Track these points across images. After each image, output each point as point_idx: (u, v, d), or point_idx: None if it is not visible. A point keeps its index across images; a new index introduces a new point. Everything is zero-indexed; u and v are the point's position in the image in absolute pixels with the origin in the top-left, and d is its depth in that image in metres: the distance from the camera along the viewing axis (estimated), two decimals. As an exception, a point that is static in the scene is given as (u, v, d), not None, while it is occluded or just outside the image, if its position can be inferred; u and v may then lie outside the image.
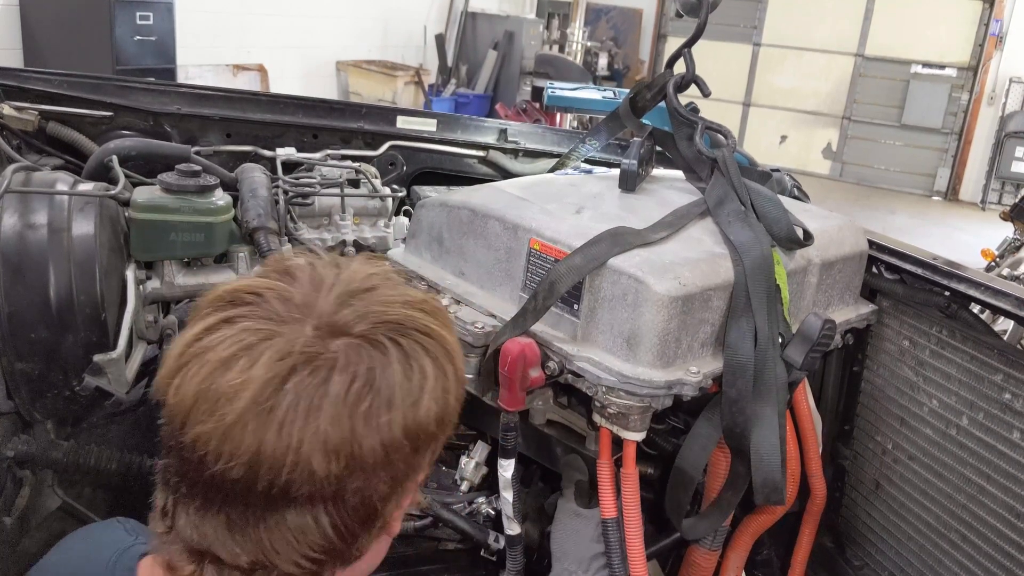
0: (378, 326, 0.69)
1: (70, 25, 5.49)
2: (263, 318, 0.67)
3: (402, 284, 0.75)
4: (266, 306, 0.68)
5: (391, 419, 0.66)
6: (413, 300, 0.73)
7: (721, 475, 1.26)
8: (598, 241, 1.15)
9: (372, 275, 0.73)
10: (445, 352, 0.72)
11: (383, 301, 0.71)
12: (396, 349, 0.68)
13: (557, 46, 10.41)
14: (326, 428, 0.64)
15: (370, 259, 0.79)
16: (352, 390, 0.65)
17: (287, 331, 0.66)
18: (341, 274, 0.72)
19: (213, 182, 1.44)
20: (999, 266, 4.58)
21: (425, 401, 0.69)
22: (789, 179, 1.72)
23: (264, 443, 0.63)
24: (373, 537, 0.72)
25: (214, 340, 0.66)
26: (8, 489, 1.35)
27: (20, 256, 1.22)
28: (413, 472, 0.72)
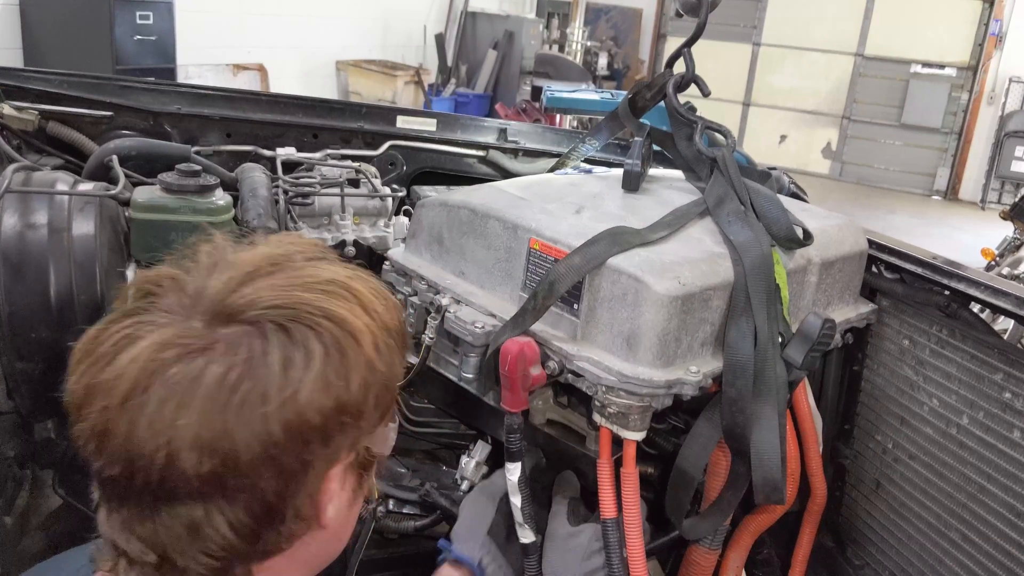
0: (266, 311, 0.65)
1: (70, 25, 5.50)
2: (158, 309, 0.66)
3: (313, 265, 0.71)
4: (162, 296, 0.67)
5: (266, 413, 0.63)
6: (315, 281, 0.69)
7: (721, 475, 1.26)
8: (597, 241, 1.15)
9: (275, 256, 0.70)
10: (346, 334, 0.67)
11: (277, 284, 0.67)
12: (280, 336, 0.65)
13: (557, 46, 10.42)
14: (197, 424, 0.61)
15: (289, 239, 0.75)
16: (225, 383, 0.62)
17: (174, 321, 0.64)
18: (241, 257, 0.70)
19: (213, 182, 1.44)
20: (999, 265, 4.59)
21: (306, 392, 0.64)
22: (787, 179, 1.73)
23: (135, 440, 0.62)
24: (289, 533, 0.68)
25: (107, 334, 0.65)
26: (8, 489, 1.35)
27: (20, 256, 1.22)
28: (316, 464, 0.67)
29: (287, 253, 0.71)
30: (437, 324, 1.28)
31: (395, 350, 0.72)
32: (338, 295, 0.69)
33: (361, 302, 0.70)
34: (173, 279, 0.68)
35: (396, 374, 0.73)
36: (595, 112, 4.38)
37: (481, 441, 1.40)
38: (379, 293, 0.73)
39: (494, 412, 1.22)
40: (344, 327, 0.67)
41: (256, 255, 0.70)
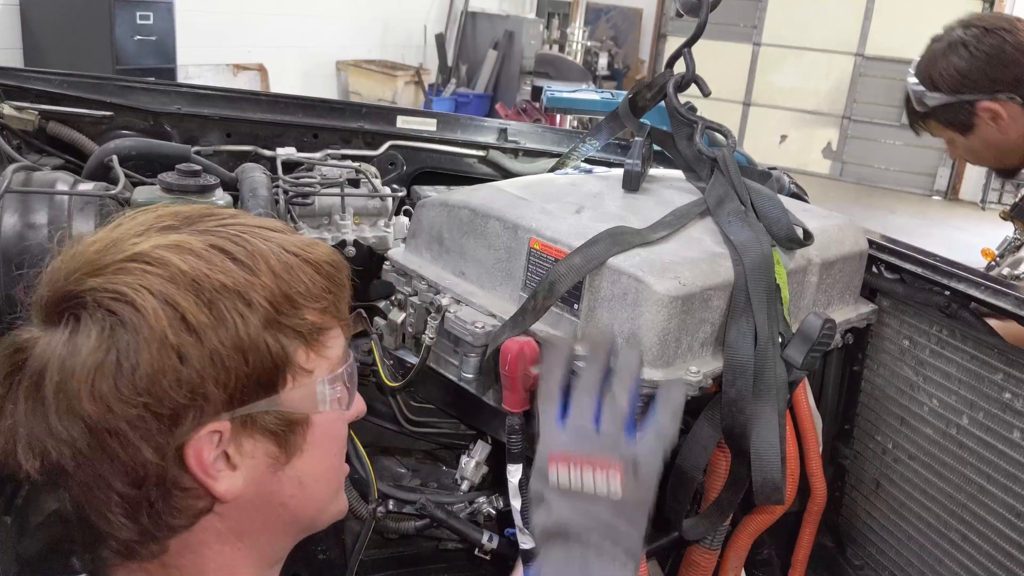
0: (64, 301, 0.67)
1: (70, 25, 5.50)
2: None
3: (133, 243, 0.68)
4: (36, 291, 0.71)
5: (57, 410, 0.64)
6: (113, 261, 0.67)
7: (721, 475, 1.26)
8: (597, 241, 1.15)
9: (109, 240, 0.70)
10: (127, 309, 0.64)
11: (84, 272, 0.67)
12: (69, 329, 0.66)
13: (557, 46, 10.42)
14: (22, 427, 0.65)
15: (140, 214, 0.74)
16: (31, 385, 0.65)
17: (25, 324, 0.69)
18: (76, 247, 0.70)
19: (213, 182, 1.44)
20: (999, 266, 4.58)
21: (81, 382, 0.64)
22: (788, 179, 1.73)
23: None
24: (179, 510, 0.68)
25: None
26: (8, 489, 1.35)
27: (20, 256, 1.22)
28: (146, 446, 0.65)
29: (122, 235, 0.70)
30: (437, 324, 1.28)
31: (242, 312, 0.67)
32: (130, 270, 0.66)
33: (166, 271, 0.66)
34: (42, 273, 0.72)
35: (254, 336, 0.68)
36: (595, 112, 4.38)
37: (481, 441, 1.40)
38: (230, 252, 0.69)
39: (494, 412, 1.22)
40: (127, 302, 0.64)
41: (92, 242, 0.70)
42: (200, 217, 0.73)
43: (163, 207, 0.75)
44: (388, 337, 1.40)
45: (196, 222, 0.72)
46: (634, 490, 0.82)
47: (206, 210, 0.75)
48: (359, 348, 1.65)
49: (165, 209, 0.74)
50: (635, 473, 0.83)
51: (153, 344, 0.64)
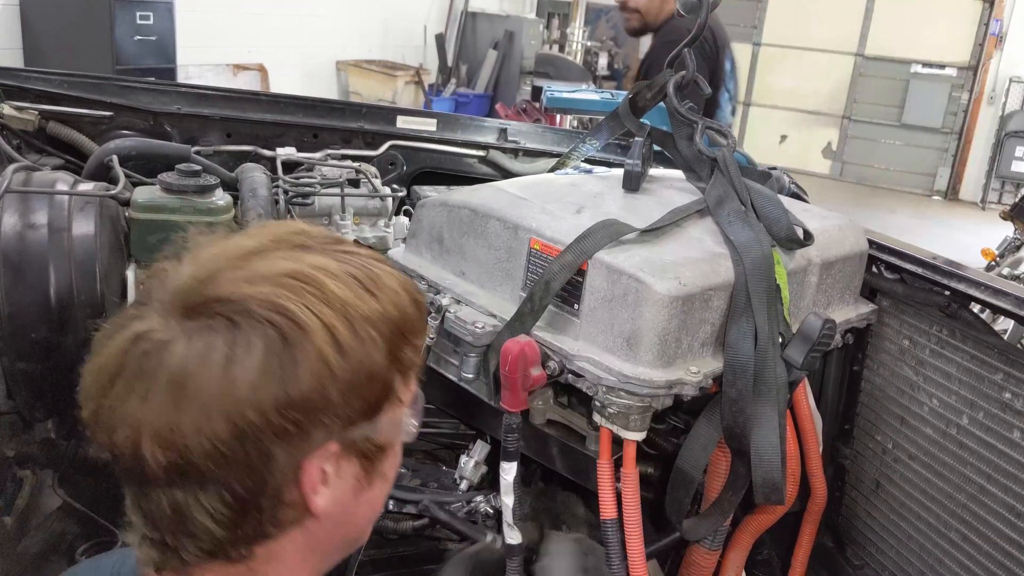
0: (221, 306, 0.66)
1: (70, 25, 5.49)
2: (148, 301, 0.69)
3: (282, 257, 0.70)
4: (151, 289, 0.70)
5: (208, 410, 0.64)
6: (273, 274, 0.68)
7: (721, 475, 1.26)
8: (588, 235, 1.15)
9: (247, 248, 0.71)
10: (293, 327, 0.66)
11: (235, 279, 0.67)
12: (228, 332, 0.66)
13: (557, 46, 10.42)
14: (154, 418, 0.65)
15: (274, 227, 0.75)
16: (176, 379, 0.65)
17: (150, 314, 0.68)
18: (214, 251, 0.71)
19: (213, 182, 1.44)
20: (999, 265, 4.59)
21: (243, 389, 0.65)
22: (788, 179, 1.73)
23: (109, 429, 0.67)
24: (274, 520, 0.70)
25: (109, 325, 0.70)
26: (8, 489, 1.35)
27: (20, 256, 1.22)
28: (279, 456, 0.67)
29: (260, 245, 0.71)
30: (437, 324, 1.28)
31: (376, 339, 0.70)
32: (292, 287, 0.68)
33: (322, 293, 0.69)
34: (163, 270, 0.71)
35: (379, 363, 0.71)
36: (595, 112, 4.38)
37: (481, 441, 1.40)
38: (363, 281, 0.72)
39: (494, 412, 1.22)
40: (291, 319, 0.66)
41: (229, 248, 0.71)
42: (327, 240, 0.75)
43: (284, 224, 0.76)
44: (388, 337, 1.40)
45: (325, 244, 0.74)
46: None
47: (330, 234, 0.77)
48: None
49: (290, 225, 0.76)
50: None
51: (313, 362, 0.67)
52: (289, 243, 0.73)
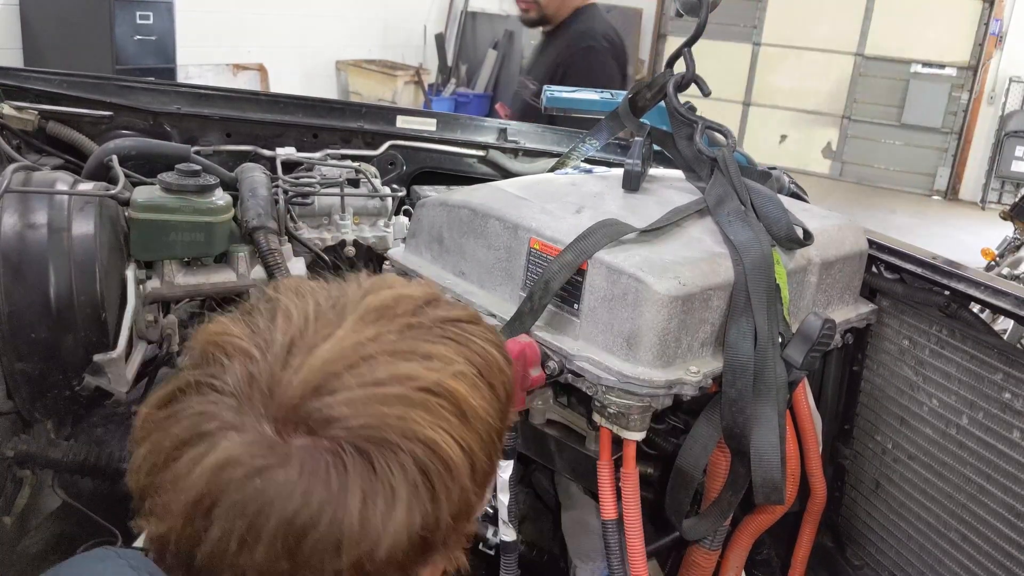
0: (347, 431, 0.56)
1: (70, 25, 5.49)
2: (227, 392, 0.58)
3: (405, 357, 0.60)
4: (231, 374, 0.58)
5: (338, 564, 0.55)
6: (405, 391, 0.58)
7: (721, 475, 1.26)
8: (588, 235, 1.15)
9: (361, 344, 0.60)
10: (437, 461, 0.58)
11: (362, 396, 0.57)
12: (362, 466, 0.56)
13: (557, 46, 10.39)
14: (261, 564, 0.55)
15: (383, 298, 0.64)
16: (296, 522, 0.54)
17: (244, 422, 0.56)
18: (327, 338, 0.59)
19: (213, 182, 1.44)
20: (999, 265, 4.59)
21: (386, 543, 0.56)
22: (788, 179, 1.72)
23: (195, 560, 0.56)
24: None
25: (174, 413, 0.59)
26: (8, 489, 1.35)
27: (20, 256, 1.22)
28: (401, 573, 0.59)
29: (375, 333, 0.61)
30: (437, 324, 1.27)
31: (497, 443, 0.64)
32: (429, 407, 0.59)
33: (459, 410, 0.60)
34: (244, 354, 0.59)
35: (491, 470, 0.64)
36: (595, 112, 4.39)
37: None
38: (481, 370, 0.64)
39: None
40: (436, 453, 0.58)
41: (342, 345, 0.59)
42: (430, 304, 0.67)
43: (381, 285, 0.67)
44: (388, 337, 1.40)
45: (433, 316, 0.65)
46: None
47: (425, 291, 0.68)
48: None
49: (387, 288, 0.66)
50: None
51: (455, 501, 0.60)
52: (400, 322, 0.63)
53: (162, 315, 1.48)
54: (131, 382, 1.36)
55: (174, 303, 1.55)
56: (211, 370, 0.60)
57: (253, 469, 0.55)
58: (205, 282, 1.46)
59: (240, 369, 0.59)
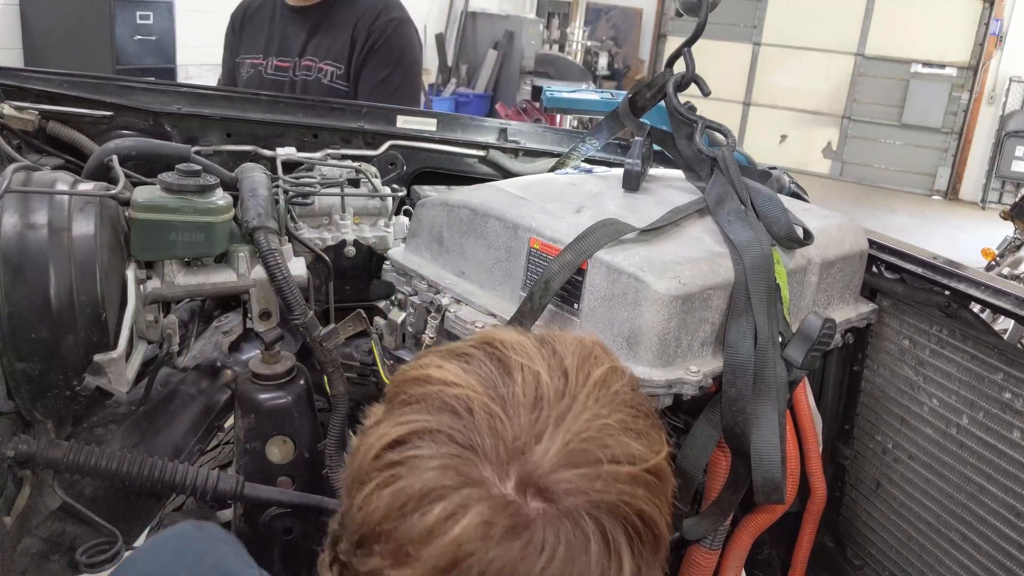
0: (590, 502, 0.60)
1: (70, 25, 5.49)
2: (467, 447, 0.61)
3: (626, 428, 0.64)
4: (474, 431, 0.61)
5: None
6: (635, 471, 0.62)
7: (721, 475, 1.26)
8: (588, 234, 1.15)
9: (602, 420, 0.63)
10: (653, 540, 0.63)
11: (609, 474, 0.61)
12: (598, 535, 0.59)
13: (557, 46, 10.43)
14: None
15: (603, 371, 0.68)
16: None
17: (488, 478, 0.59)
18: (569, 409, 0.63)
19: (213, 182, 1.44)
20: (999, 265, 4.59)
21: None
22: (788, 178, 1.72)
23: None
24: None
25: (414, 459, 0.61)
26: (8, 489, 1.35)
27: (20, 256, 1.22)
28: None
29: (610, 414, 0.64)
30: (437, 324, 1.28)
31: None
32: (651, 487, 0.64)
33: (666, 488, 0.65)
34: (488, 412, 0.62)
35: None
36: (595, 112, 4.39)
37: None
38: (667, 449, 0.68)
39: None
40: (654, 530, 0.63)
41: (585, 419, 0.63)
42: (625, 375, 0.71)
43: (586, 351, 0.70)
44: (388, 337, 1.40)
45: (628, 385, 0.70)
46: None
47: (620, 364, 0.72)
48: (359, 348, 1.65)
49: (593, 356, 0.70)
50: None
51: (659, 562, 0.65)
52: (620, 399, 0.67)
53: (162, 315, 1.48)
54: (131, 382, 1.36)
55: (174, 303, 1.54)
56: (448, 420, 0.62)
57: (502, 531, 0.58)
58: (205, 282, 1.46)
59: (485, 427, 0.61)
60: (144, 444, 1.50)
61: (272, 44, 2.63)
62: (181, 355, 1.53)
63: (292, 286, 1.37)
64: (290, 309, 1.36)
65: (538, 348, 0.69)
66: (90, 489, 1.47)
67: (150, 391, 1.50)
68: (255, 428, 1.44)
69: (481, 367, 0.66)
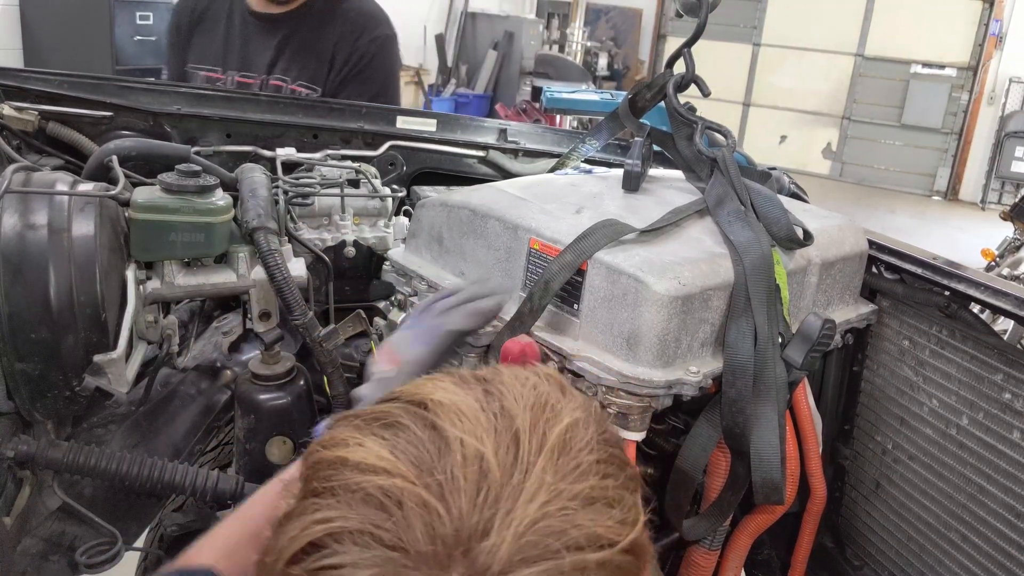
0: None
1: (70, 25, 5.49)
2: (397, 549, 0.51)
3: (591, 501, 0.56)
4: (404, 529, 0.51)
5: None
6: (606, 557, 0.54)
7: (721, 475, 1.26)
8: (587, 235, 1.15)
9: (562, 501, 0.55)
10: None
11: (574, 565, 0.52)
12: None
13: (557, 46, 10.43)
14: None
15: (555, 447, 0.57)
16: None
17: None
18: (520, 490, 0.53)
19: (213, 182, 1.44)
20: (999, 266, 4.59)
21: None
22: (787, 179, 1.72)
23: None
24: None
25: (332, 570, 0.51)
26: (8, 489, 1.35)
27: (20, 256, 1.22)
28: None
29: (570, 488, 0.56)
30: (437, 324, 1.27)
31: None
32: (623, 568, 0.56)
33: (645, 562, 0.59)
34: (421, 504, 0.52)
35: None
36: (594, 112, 4.39)
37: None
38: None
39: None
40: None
41: (539, 503, 0.54)
42: (587, 423, 0.62)
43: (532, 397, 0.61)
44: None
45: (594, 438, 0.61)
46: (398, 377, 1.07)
47: (585, 409, 0.64)
48: (359, 348, 1.65)
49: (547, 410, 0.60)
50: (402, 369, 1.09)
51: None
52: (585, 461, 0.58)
53: (162, 315, 1.48)
54: (131, 382, 1.36)
55: (174, 303, 1.54)
56: (372, 516, 0.52)
57: None
58: (205, 282, 1.46)
59: (419, 524, 0.52)
60: (144, 444, 1.49)
61: (232, 56, 2.31)
62: (181, 355, 1.53)
63: (292, 286, 1.37)
64: (290, 310, 1.36)
65: (481, 408, 0.58)
66: (90, 489, 1.47)
67: (150, 391, 1.50)
68: (255, 428, 1.44)
69: (411, 442, 0.56)
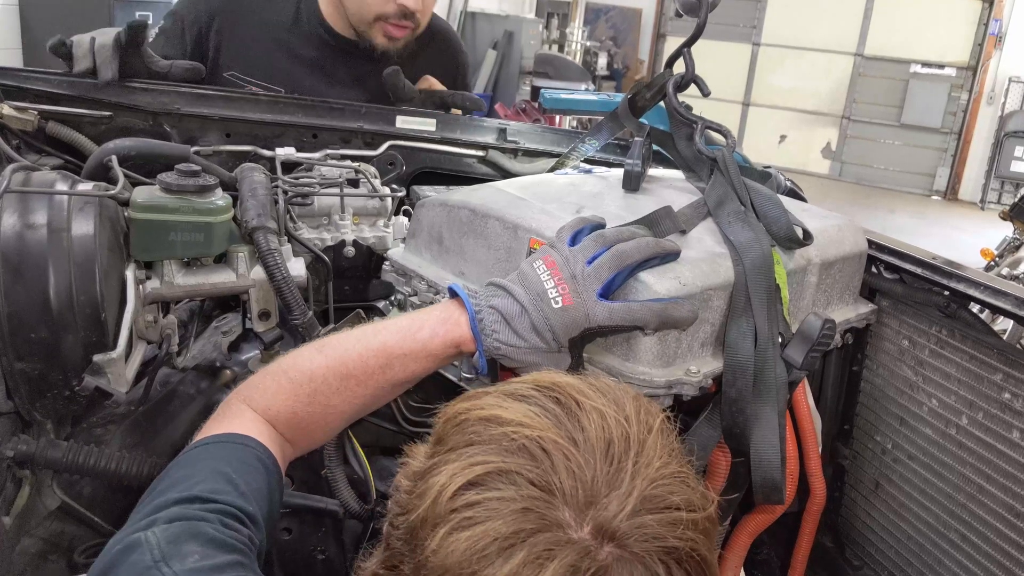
0: (662, 551, 0.63)
1: (70, 25, 5.46)
2: (546, 489, 0.62)
3: (685, 477, 0.68)
4: (551, 473, 0.63)
5: None
6: (697, 519, 0.66)
7: (721, 475, 1.26)
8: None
9: (669, 468, 0.67)
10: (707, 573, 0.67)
11: (681, 520, 0.65)
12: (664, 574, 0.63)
13: (556, 46, 10.43)
14: None
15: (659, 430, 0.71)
16: None
17: (567, 522, 0.61)
18: (640, 455, 0.66)
19: (213, 182, 1.44)
20: (999, 266, 4.59)
21: None
22: (783, 178, 1.72)
23: None
24: None
25: (491, 501, 0.62)
26: (7, 489, 1.35)
27: (20, 256, 1.22)
28: None
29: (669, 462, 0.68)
30: (437, 324, 1.27)
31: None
32: (708, 533, 0.68)
33: (715, 530, 0.70)
34: (564, 454, 0.64)
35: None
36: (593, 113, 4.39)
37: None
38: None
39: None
40: (704, 569, 0.67)
41: (655, 467, 0.66)
42: (638, 407, 0.73)
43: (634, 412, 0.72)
44: (388, 337, 1.40)
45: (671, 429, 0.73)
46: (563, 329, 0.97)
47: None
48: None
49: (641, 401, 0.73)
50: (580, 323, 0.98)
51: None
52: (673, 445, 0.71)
53: (162, 315, 1.48)
54: (131, 382, 1.36)
55: (174, 303, 1.54)
56: (524, 462, 0.63)
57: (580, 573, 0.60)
58: (205, 282, 1.46)
59: (563, 469, 0.63)
60: (144, 444, 1.49)
61: (299, 72, 2.08)
62: (180, 355, 1.53)
63: (291, 286, 1.37)
64: (289, 309, 1.36)
65: (594, 391, 0.71)
66: (90, 489, 1.46)
67: (149, 391, 1.50)
68: (255, 428, 1.43)
69: (546, 409, 0.68)
